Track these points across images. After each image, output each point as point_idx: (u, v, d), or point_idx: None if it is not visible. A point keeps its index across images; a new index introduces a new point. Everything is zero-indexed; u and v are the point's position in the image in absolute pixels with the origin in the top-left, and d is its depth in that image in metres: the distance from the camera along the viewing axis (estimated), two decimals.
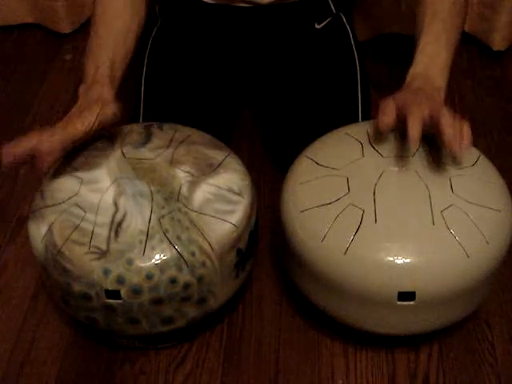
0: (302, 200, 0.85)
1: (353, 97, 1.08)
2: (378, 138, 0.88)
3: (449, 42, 0.90)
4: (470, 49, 1.43)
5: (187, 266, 0.80)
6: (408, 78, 0.88)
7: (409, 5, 1.35)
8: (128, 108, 1.14)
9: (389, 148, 0.87)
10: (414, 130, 0.78)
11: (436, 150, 0.85)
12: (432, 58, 0.88)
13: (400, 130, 0.87)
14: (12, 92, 1.39)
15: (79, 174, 0.86)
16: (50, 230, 0.81)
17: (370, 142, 0.88)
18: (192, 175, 0.85)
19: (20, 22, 1.53)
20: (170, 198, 0.83)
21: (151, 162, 0.86)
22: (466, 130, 0.79)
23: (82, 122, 0.82)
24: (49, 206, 0.83)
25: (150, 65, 1.13)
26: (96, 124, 0.83)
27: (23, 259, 1.05)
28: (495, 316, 0.96)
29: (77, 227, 0.80)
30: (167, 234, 0.80)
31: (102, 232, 0.80)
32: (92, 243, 0.79)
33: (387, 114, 0.81)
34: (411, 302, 0.79)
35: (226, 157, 0.89)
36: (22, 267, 1.04)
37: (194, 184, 0.84)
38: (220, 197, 0.84)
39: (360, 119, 1.05)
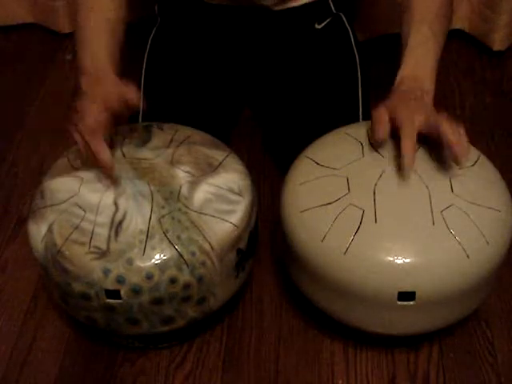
0: (302, 200, 0.85)
1: (353, 97, 1.08)
2: None
3: (436, 44, 0.90)
4: (470, 49, 1.43)
5: (187, 266, 0.80)
6: (397, 81, 0.88)
7: None
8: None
9: (389, 148, 0.86)
10: (408, 155, 0.79)
11: (436, 150, 0.85)
12: (420, 61, 0.88)
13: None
14: (12, 92, 1.38)
15: (79, 173, 0.86)
16: (49, 229, 0.81)
17: (370, 142, 0.88)
18: (192, 175, 0.85)
19: (20, 22, 1.52)
20: (170, 198, 0.83)
21: (151, 162, 0.86)
22: (463, 133, 0.80)
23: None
24: (49, 206, 0.83)
25: (150, 65, 1.13)
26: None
27: (23, 259, 1.05)
28: (495, 316, 0.96)
29: (77, 227, 0.80)
30: (167, 234, 0.80)
31: (102, 232, 0.80)
32: (92, 243, 0.79)
33: (382, 129, 0.82)
34: (411, 302, 0.79)
35: (226, 157, 0.89)
36: (22, 267, 1.04)
37: (194, 184, 0.84)
38: (220, 197, 0.84)
39: (360, 119, 1.05)
